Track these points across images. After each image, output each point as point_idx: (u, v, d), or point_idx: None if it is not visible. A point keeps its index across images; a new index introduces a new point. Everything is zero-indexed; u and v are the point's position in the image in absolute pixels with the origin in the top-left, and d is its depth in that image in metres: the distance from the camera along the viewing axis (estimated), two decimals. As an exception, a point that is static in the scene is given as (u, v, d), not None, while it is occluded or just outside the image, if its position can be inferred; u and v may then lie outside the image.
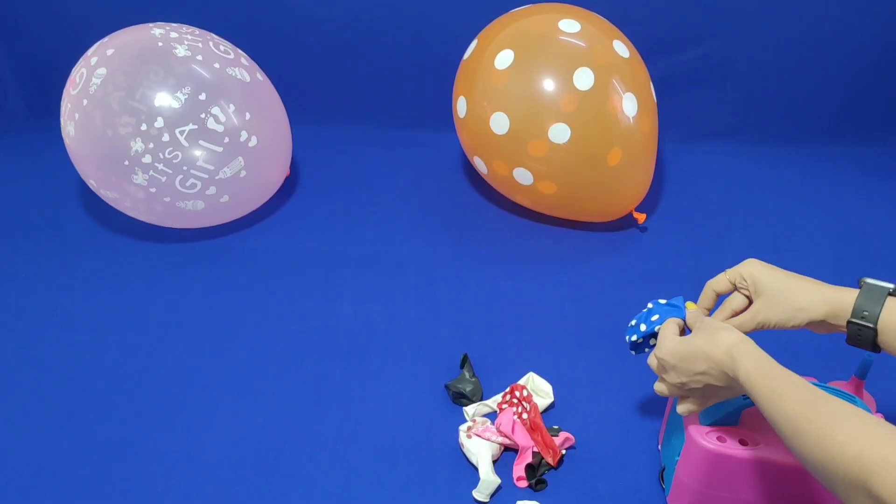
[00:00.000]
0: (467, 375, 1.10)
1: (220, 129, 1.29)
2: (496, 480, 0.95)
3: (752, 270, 0.80)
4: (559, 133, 1.29)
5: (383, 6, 1.72)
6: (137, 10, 1.78)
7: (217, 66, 1.33)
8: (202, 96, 1.28)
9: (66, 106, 1.33)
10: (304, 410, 1.08)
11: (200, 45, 1.34)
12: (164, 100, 1.26)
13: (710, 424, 0.82)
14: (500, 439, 0.99)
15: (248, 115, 1.33)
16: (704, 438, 0.81)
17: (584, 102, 1.29)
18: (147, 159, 1.26)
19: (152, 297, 1.31)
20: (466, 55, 1.44)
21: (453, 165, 1.70)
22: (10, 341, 1.21)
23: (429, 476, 0.98)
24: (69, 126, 1.31)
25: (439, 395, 1.10)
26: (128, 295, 1.31)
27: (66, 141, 1.35)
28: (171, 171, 1.28)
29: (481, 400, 1.09)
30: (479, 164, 1.45)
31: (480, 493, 0.94)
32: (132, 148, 1.25)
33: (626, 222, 1.47)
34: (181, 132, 1.26)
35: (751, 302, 0.82)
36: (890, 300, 0.71)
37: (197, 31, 1.39)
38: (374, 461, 1.00)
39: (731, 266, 1.40)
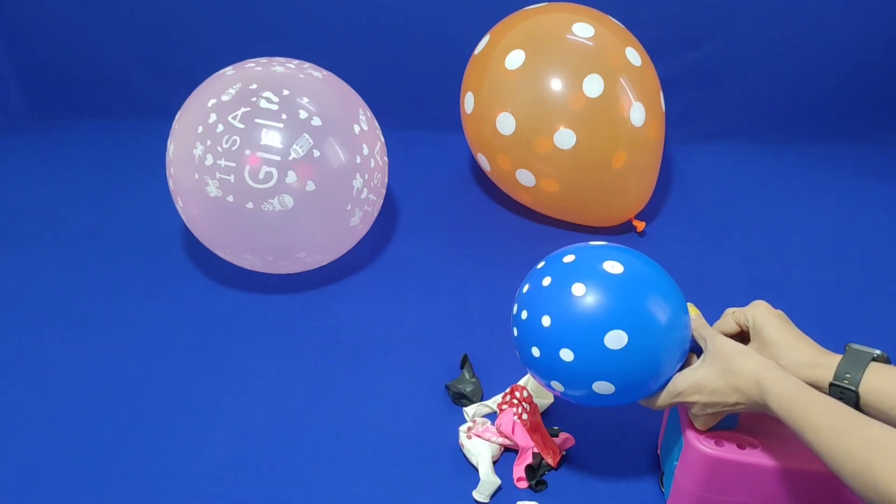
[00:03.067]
0: (467, 376, 1.11)
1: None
2: (496, 481, 0.95)
3: (757, 315, 0.80)
4: (565, 138, 1.29)
5: (387, 4, 1.72)
6: (135, 8, 1.78)
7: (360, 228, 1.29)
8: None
9: (198, 158, 1.13)
10: (305, 410, 1.08)
11: (370, 209, 1.28)
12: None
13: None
14: (501, 440, 0.99)
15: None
16: (703, 443, 0.81)
17: (592, 109, 1.29)
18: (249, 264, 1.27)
19: (152, 297, 1.31)
20: (477, 50, 1.43)
21: (456, 165, 1.70)
22: (10, 341, 1.22)
23: (429, 476, 0.98)
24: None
25: (439, 396, 1.11)
26: (128, 295, 1.32)
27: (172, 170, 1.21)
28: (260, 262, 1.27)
29: (481, 400, 1.09)
30: (483, 161, 1.45)
31: (480, 493, 0.94)
32: (244, 258, 1.24)
33: (627, 226, 1.47)
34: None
35: (742, 331, 0.83)
36: (873, 365, 0.71)
37: (378, 155, 1.27)
38: (374, 461, 1.00)
39: (728, 267, 1.41)
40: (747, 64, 1.71)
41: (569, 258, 0.71)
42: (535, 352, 0.69)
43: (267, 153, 1.11)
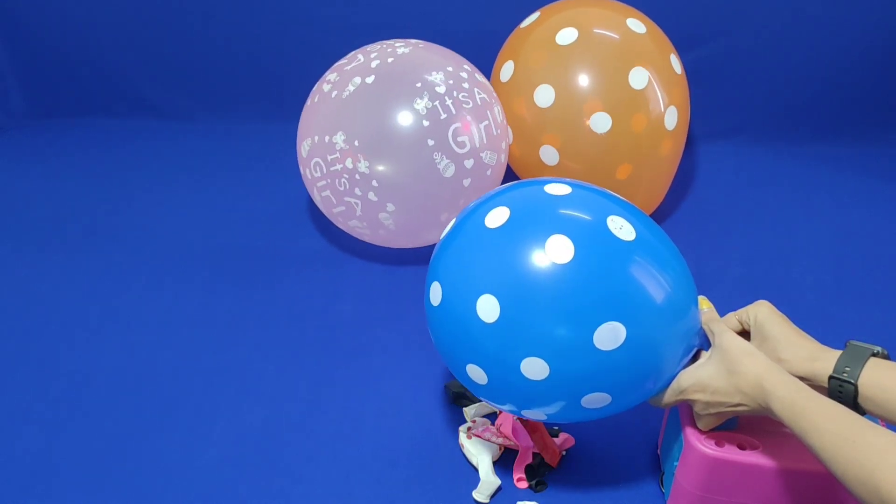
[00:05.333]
0: (467, 376, 1.11)
1: None
2: (496, 481, 0.95)
3: (759, 313, 0.80)
4: (600, 122, 1.30)
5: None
6: (135, 8, 1.78)
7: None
8: None
9: (433, 81, 1.23)
10: (304, 409, 1.08)
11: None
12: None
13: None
14: (500, 440, 0.99)
15: None
16: (703, 443, 0.80)
17: (633, 100, 1.30)
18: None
19: (150, 296, 1.31)
20: (525, 24, 1.44)
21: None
22: (7, 338, 1.22)
23: (429, 476, 0.98)
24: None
25: (439, 395, 1.11)
26: (126, 294, 1.32)
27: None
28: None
29: (481, 400, 1.09)
30: (507, 133, 1.44)
31: (480, 493, 0.94)
32: (358, 159, 1.23)
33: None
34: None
35: (743, 330, 0.83)
36: (873, 360, 0.71)
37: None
38: (374, 461, 1.00)
39: (729, 266, 1.40)
40: (748, 64, 1.71)
41: (558, 189, 0.40)
42: (476, 372, 0.40)
43: (477, 132, 1.26)
